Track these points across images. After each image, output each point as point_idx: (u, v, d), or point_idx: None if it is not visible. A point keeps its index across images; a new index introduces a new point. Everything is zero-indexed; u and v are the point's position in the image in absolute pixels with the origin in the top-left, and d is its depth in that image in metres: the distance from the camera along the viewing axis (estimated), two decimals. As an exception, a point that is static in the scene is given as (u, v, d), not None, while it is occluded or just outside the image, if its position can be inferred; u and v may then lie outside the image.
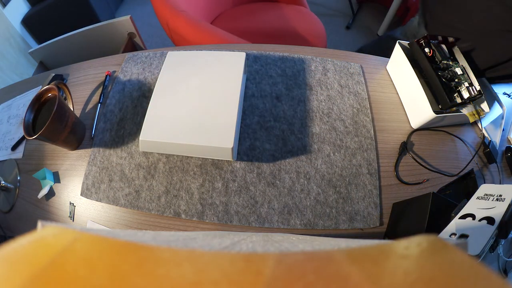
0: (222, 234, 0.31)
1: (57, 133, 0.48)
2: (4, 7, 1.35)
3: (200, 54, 0.55)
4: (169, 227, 0.48)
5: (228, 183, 0.50)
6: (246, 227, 0.47)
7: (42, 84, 0.64)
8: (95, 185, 0.50)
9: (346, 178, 0.51)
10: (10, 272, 0.10)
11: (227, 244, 0.21)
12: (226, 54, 0.54)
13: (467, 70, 0.56)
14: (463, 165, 0.53)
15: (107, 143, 0.54)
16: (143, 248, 0.14)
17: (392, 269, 0.11)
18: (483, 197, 0.36)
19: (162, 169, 0.51)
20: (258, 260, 0.13)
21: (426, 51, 0.55)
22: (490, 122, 0.60)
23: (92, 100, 0.61)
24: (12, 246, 0.12)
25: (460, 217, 0.35)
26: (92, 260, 0.12)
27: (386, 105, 0.60)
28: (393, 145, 0.55)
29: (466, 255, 0.11)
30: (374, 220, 0.48)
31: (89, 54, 0.99)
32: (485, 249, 0.30)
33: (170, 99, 0.49)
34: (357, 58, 0.67)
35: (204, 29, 0.78)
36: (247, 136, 0.54)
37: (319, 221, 0.47)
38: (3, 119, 0.64)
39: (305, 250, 0.16)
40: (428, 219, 0.38)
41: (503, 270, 0.40)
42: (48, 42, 1.07)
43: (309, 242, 0.25)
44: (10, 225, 0.52)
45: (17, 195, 0.53)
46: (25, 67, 1.43)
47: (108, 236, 0.14)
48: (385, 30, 1.76)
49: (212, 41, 0.76)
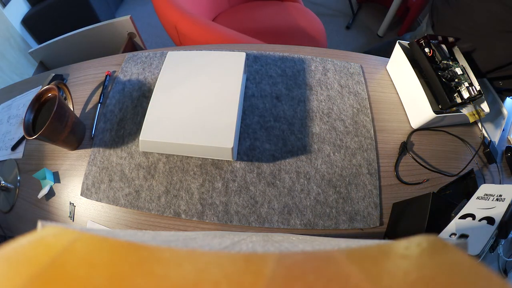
0: (222, 234, 0.31)
1: (57, 133, 0.48)
2: (4, 7, 1.35)
3: (200, 54, 0.55)
4: (169, 227, 0.48)
5: (228, 183, 0.50)
6: (246, 227, 0.47)
7: (42, 84, 0.64)
8: (95, 185, 0.50)
9: (346, 178, 0.51)
10: (10, 272, 0.10)
11: (227, 244, 0.21)
12: (226, 54, 0.54)
13: (467, 70, 0.56)
14: (463, 165, 0.53)
15: (107, 143, 0.54)
16: (143, 248, 0.14)
17: (392, 269, 0.11)
18: (483, 197, 0.36)
19: (162, 169, 0.51)
20: (258, 260, 0.13)
21: (426, 51, 0.55)
22: (490, 122, 0.60)
23: (92, 100, 0.61)
24: (12, 246, 0.12)
25: (460, 217, 0.35)
26: (92, 260, 0.12)
27: (386, 105, 0.60)
28: (393, 145, 0.55)
29: (466, 255, 0.11)
30: (374, 220, 0.48)
31: (89, 54, 0.99)
32: (485, 249, 0.30)
33: (170, 99, 0.49)
34: (357, 58, 0.67)
35: (215, 30, 0.79)
36: (247, 136, 0.54)
37: (319, 221, 0.47)
38: (3, 119, 0.64)
39: (305, 250, 0.16)
40: (428, 219, 0.38)
41: (503, 270, 0.40)
42: (48, 42, 1.07)
43: (309, 242, 0.25)
44: (10, 225, 0.52)
45: (17, 195, 0.53)
46: (25, 67, 1.43)
47: (108, 236, 0.14)
48: (385, 30, 1.76)
49: (224, 41, 0.76)
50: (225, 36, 0.77)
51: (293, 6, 1.18)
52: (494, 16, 0.56)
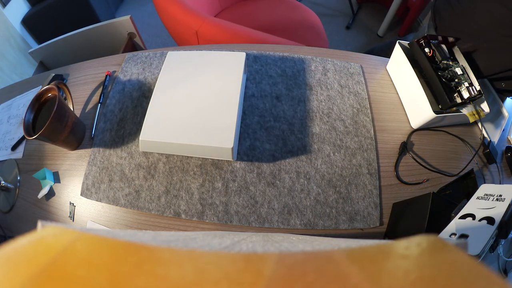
0: (222, 234, 0.31)
1: (57, 133, 0.48)
2: (4, 7, 1.35)
3: (200, 54, 0.55)
4: (169, 227, 0.48)
5: (228, 183, 0.50)
6: (246, 227, 0.47)
7: (42, 84, 0.64)
8: (95, 185, 0.50)
9: (346, 178, 0.51)
10: (10, 272, 0.10)
11: (227, 244, 0.21)
12: (226, 54, 0.54)
13: (467, 70, 0.56)
14: (463, 165, 0.53)
15: (107, 143, 0.54)
16: (143, 248, 0.14)
17: (392, 269, 0.11)
18: (483, 197, 0.36)
19: (162, 169, 0.51)
20: (258, 260, 0.13)
21: (426, 51, 0.55)
22: (490, 122, 0.60)
23: (92, 100, 0.61)
24: (12, 246, 0.12)
25: (460, 217, 0.35)
26: (92, 260, 0.12)
27: (386, 105, 0.60)
28: (393, 145, 0.55)
29: (466, 255, 0.11)
30: (374, 220, 0.48)
31: (89, 54, 0.99)
32: (485, 249, 0.30)
33: (170, 99, 0.49)
34: (357, 58, 0.67)
35: (239, 31, 0.80)
36: (247, 136, 0.54)
37: (319, 221, 0.47)
38: (3, 119, 0.64)
39: (305, 250, 0.16)
40: (428, 219, 0.38)
41: (503, 270, 0.40)
42: (48, 42, 1.07)
43: (309, 242, 0.25)
44: (10, 225, 0.52)
45: (17, 195, 0.53)
46: (25, 67, 1.43)
47: (108, 236, 0.14)
48: (385, 30, 1.76)
49: (248, 41, 0.78)
50: (251, 37, 0.79)
51: (289, 2, 1.18)
52: (497, 19, 0.56)
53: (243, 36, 0.78)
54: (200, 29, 0.82)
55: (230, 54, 0.54)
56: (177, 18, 0.85)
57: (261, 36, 0.79)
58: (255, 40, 0.78)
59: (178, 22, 0.87)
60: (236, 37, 0.78)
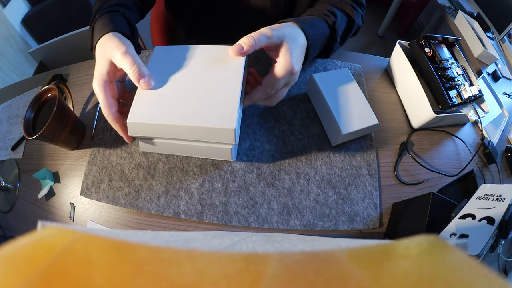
0: (222, 234, 0.31)
1: (57, 133, 0.48)
2: (4, 7, 1.35)
3: (196, 47, 0.48)
4: (168, 227, 0.48)
5: (227, 184, 0.50)
6: (246, 227, 0.47)
7: (42, 84, 0.64)
8: (95, 185, 0.50)
9: (346, 179, 0.51)
10: (10, 272, 0.10)
11: (227, 244, 0.21)
12: (226, 48, 0.50)
13: (467, 70, 0.57)
14: (463, 165, 0.53)
15: (107, 143, 0.54)
16: (143, 248, 0.14)
17: (392, 269, 0.11)
18: (483, 197, 0.36)
19: (162, 169, 0.51)
20: (258, 260, 0.13)
21: (426, 51, 0.56)
22: (490, 122, 0.60)
23: (92, 100, 0.60)
24: (12, 246, 0.12)
25: (460, 217, 0.35)
26: (92, 260, 0.12)
27: (386, 105, 0.60)
28: (393, 145, 0.55)
29: (466, 255, 0.11)
30: (374, 222, 0.48)
31: (89, 54, 0.99)
32: (485, 249, 0.30)
33: (164, 78, 0.43)
34: (357, 58, 0.67)
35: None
36: (247, 136, 0.54)
37: (319, 222, 0.47)
38: (3, 119, 0.64)
39: (305, 250, 0.16)
40: (428, 219, 0.38)
41: (503, 270, 0.40)
42: (48, 42, 1.06)
43: (309, 242, 0.25)
44: (10, 225, 0.52)
45: (17, 195, 0.53)
46: (25, 67, 1.43)
47: (108, 236, 0.14)
48: (385, 30, 1.76)
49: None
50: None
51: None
52: None
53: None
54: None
55: (229, 47, 0.49)
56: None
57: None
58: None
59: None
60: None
